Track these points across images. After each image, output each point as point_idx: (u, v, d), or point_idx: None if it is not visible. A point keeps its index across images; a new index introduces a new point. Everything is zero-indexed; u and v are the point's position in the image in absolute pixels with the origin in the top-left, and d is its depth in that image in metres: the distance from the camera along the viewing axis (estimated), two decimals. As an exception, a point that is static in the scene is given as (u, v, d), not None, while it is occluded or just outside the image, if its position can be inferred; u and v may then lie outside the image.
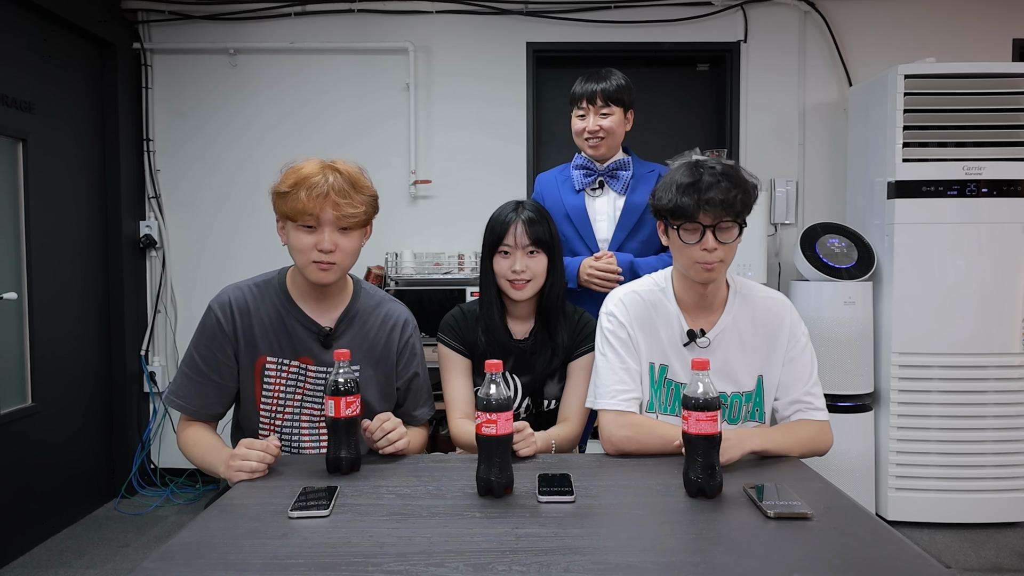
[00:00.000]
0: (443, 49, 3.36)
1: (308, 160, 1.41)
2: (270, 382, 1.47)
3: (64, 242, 2.92)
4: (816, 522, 1.05)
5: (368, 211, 1.42)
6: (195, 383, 1.44)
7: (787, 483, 1.19)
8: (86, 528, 2.89)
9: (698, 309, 1.45)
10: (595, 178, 2.10)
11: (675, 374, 1.45)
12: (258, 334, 1.45)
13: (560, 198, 2.12)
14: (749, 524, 1.05)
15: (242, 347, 1.45)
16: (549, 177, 2.21)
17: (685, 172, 1.35)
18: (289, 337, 1.45)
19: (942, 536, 2.75)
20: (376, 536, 1.02)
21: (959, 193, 2.79)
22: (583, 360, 1.61)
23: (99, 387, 3.16)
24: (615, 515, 1.09)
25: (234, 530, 1.05)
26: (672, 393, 1.45)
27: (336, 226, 1.38)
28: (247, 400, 1.49)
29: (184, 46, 3.33)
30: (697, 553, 0.96)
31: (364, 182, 1.43)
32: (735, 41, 3.34)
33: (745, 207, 1.34)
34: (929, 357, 2.82)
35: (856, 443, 2.86)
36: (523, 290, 1.57)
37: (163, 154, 3.38)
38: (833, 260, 2.91)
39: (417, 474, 1.30)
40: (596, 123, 2.02)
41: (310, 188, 1.35)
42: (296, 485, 1.22)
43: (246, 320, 1.45)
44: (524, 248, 1.56)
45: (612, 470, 1.33)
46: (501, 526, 1.05)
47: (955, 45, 3.26)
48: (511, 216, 1.58)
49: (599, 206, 2.10)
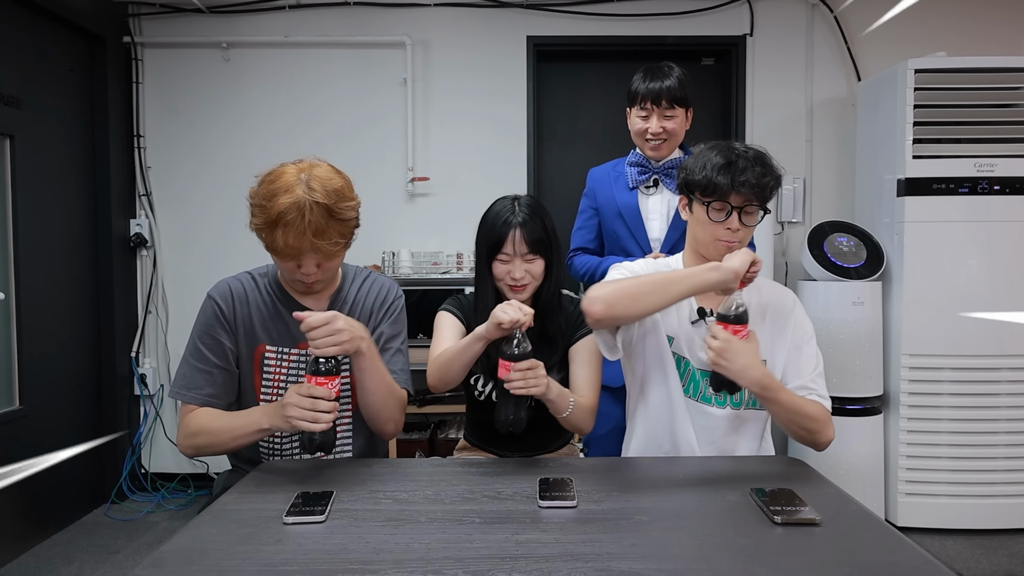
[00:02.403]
0: (441, 43, 3.36)
1: (283, 173, 1.35)
2: (270, 371, 1.48)
3: (53, 241, 2.92)
4: (824, 528, 1.05)
5: (349, 235, 1.41)
6: (205, 373, 1.44)
7: (794, 488, 1.19)
8: (75, 534, 2.89)
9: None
10: (650, 176, 2.08)
11: (679, 347, 1.49)
12: (256, 323, 1.47)
13: (612, 195, 2.11)
14: (756, 530, 1.05)
15: (241, 336, 1.47)
16: (602, 172, 2.19)
17: (720, 152, 1.42)
18: (287, 326, 1.47)
19: (953, 542, 2.75)
20: (373, 542, 1.02)
21: (971, 191, 2.79)
22: (583, 342, 1.62)
23: (88, 389, 3.16)
24: (618, 521, 1.09)
25: (227, 536, 1.05)
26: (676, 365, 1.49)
27: (316, 258, 1.38)
28: (247, 392, 1.49)
29: (176, 40, 3.33)
30: (702, 560, 0.96)
31: (343, 203, 1.36)
32: (741, 35, 3.34)
33: (772, 193, 1.42)
34: (940, 359, 2.82)
35: (865, 447, 2.86)
36: (523, 292, 1.60)
37: (154, 151, 3.38)
38: (841, 259, 2.91)
39: (415, 479, 1.30)
40: (660, 125, 2.00)
41: (286, 228, 1.30)
42: (291, 490, 1.22)
43: (244, 309, 1.47)
44: (523, 256, 1.57)
45: (615, 474, 1.33)
46: (501, 532, 1.05)
47: (967, 39, 3.26)
48: (509, 218, 1.58)
49: (652, 204, 2.08)
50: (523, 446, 1.69)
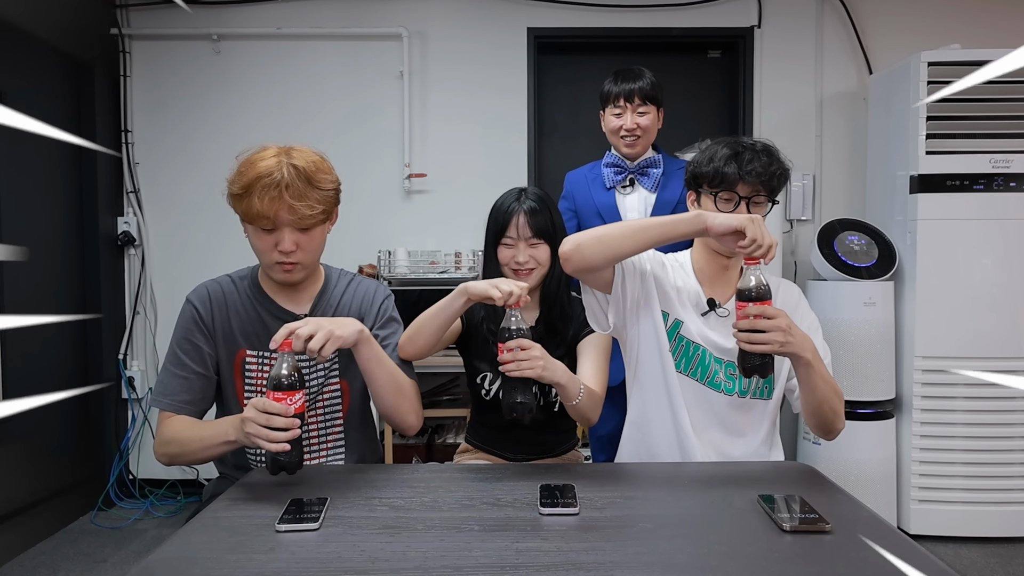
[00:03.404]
0: (439, 34, 3.36)
1: (264, 149, 1.41)
2: (252, 376, 1.48)
3: (38, 240, 2.92)
4: (834, 536, 1.05)
5: (328, 207, 1.43)
6: (182, 379, 1.45)
7: (804, 494, 1.19)
8: (61, 542, 2.89)
9: (716, 283, 1.54)
10: (626, 175, 2.22)
11: (688, 331, 1.50)
12: (235, 327, 1.48)
13: (591, 196, 2.23)
14: (764, 538, 1.05)
15: (220, 340, 1.47)
16: (579, 175, 2.32)
17: (727, 144, 1.49)
18: (266, 329, 1.47)
19: (968, 551, 2.75)
20: (368, 551, 1.02)
21: (986, 187, 2.79)
22: (590, 337, 1.64)
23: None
24: (622, 528, 1.09)
25: (218, 544, 1.04)
26: (683, 349, 1.50)
27: (294, 227, 1.40)
28: (229, 398, 1.50)
29: (165, 32, 3.33)
30: (709, 569, 0.96)
31: (322, 175, 1.41)
32: (748, 26, 3.34)
33: (780, 184, 1.47)
34: (954, 361, 2.81)
35: (877, 452, 2.86)
36: (528, 277, 1.63)
37: (142, 146, 3.38)
38: (852, 258, 2.91)
39: (412, 485, 1.30)
40: (634, 121, 2.15)
41: (262, 191, 1.35)
42: (284, 497, 1.21)
43: (223, 313, 1.48)
44: (527, 240, 1.62)
45: (619, 481, 1.33)
46: (500, 540, 1.05)
47: (981, 31, 3.27)
48: (513, 206, 1.64)
49: (630, 203, 2.22)
50: (527, 449, 1.71)
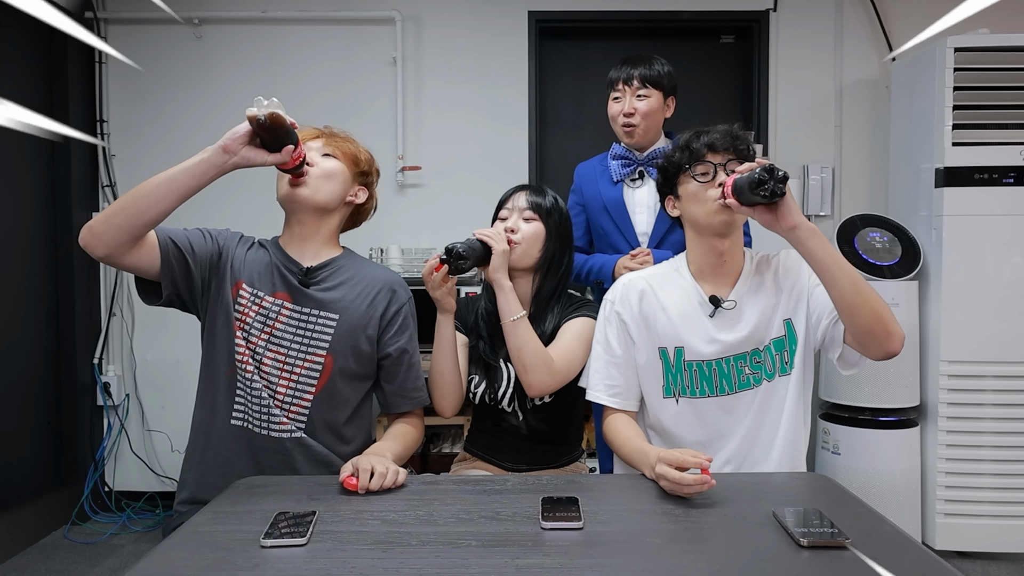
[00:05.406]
0: (434, 18, 3.36)
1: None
2: (240, 309, 1.54)
3: (6, 237, 2.92)
4: (854, 552, 1.05)
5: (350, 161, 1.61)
6: (184, 229, 1.57)
7: (822, 507, 1.20)
8: (32, 559, 2.89)
9: (716, 278, 1.58)
10: (634, 168, 2.20)
11: (695, 354, 1.55)
12: (246, 263, 1.59)
13: (598, 189, 2.23)
14: (779, 553, 1.05)
15: (225, 266, 1.56)
16: (588, 168, 2.32)
17: (689, 131, 1.59)
18: (270, 273, 1.57)
19: (996, 568, 2.76)
20: (359, 567, 1.02)
21: (1016, 181, 2.79)
22: (573, 320, 1.71)
23: (47, 400, 3.17)
24: (628, 543, 1.10)
25: (199, 560, 1.05)
26: (696, 375, 1.55)
27: (320, 152, 1.58)
28: (223, 325, 1.54)
29: (142, 15, 3.33)
30: (721, 586, 0.96)
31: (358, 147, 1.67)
32: (763, 10, 3.34)
33: (747, 146, 1.55)
34: (982, 366, 2.82)
35: (900, 463, 2.86)
36: (513, 249, 1.68)
37: (119, 137, 3.38)
38: (874, 256, 2.91)
39: (405, 498, 1.30)
40: (632, 105, 2.11)
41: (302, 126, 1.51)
42: (269, 510, 1.22)
43: (241, 251, 1.60)
44: (521, 211, 1.73)
45: (624, 493, 1.33)
46: (500, 556, 1.05)
47: (1011, 15, 3.26)
48: (517, 188, 1.79)
49: (639, 197, 2.19)
50: (528, 459, 1.74)
